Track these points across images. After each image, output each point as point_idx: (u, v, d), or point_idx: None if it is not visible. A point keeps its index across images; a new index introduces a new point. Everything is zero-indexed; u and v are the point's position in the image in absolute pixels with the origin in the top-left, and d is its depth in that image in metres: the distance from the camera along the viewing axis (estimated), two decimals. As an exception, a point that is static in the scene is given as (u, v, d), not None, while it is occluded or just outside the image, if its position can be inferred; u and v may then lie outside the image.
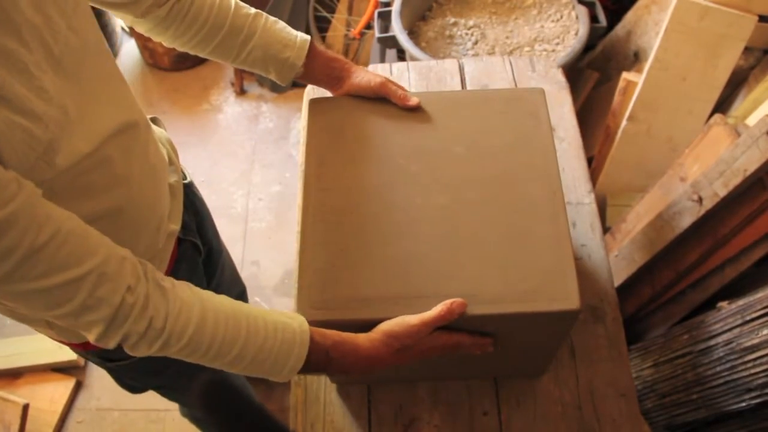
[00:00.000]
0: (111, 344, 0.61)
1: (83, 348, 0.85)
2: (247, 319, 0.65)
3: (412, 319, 0.68)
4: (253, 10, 0.84)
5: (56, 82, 0.58)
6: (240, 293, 1.45)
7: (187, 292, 0.64)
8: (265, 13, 0.85)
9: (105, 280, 0.58)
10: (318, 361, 0.68)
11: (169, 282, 0.64)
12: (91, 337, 0.61)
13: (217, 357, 0.64)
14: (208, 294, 0.66)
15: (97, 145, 0.64)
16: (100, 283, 0.57)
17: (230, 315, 0.65)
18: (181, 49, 0.85)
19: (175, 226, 0.87)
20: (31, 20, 0.55)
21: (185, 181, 0.98)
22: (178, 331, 0.62)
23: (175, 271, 0.89)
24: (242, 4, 0.84)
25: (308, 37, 0.86)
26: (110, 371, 0.95)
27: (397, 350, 0.69)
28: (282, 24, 0.86)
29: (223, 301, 0.67)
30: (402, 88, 0.87)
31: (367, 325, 0.70)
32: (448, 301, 0.68)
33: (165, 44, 0.84)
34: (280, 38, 0.84)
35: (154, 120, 0.96)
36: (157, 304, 0.61)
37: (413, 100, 0.85)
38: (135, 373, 0.97)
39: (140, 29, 0.82)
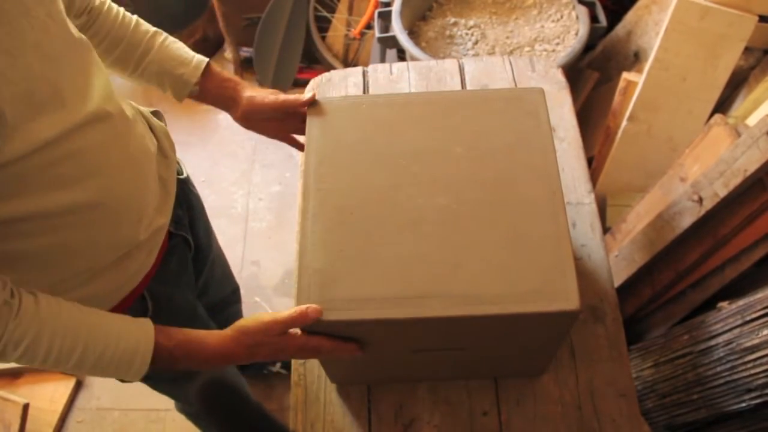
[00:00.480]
0: None
1: None
2: (87, 331, 0.68)
3: (265, 316, 0.72)
4: (152, 29, 0.90)
5: (29, 66, 0.60)
6: (232, 291, 1.45)
7: (31, 306, 0.65)
8: (165, 33, 0.90)
9: None
10: (162, 360, 0.70)
11: (17, 296, 0.65)
12: None
13: (57, 365, 0.67)
14: (55, 308, 0.67)
15: (61, 132, 0.65)
16: None
17: (70, 327, 0.67)
18: None
19: (164, 220, 0.88)
20: (4, 6, 0.58)
21: (182, 177, 0.99)
22: (14, 341, 0.64)
23: (165, 264, 0.90)
24: (143, 22, 0.89)
25: (205, 59, 0.91)
26: None
27: (248, 346, 0.72)
28: (181, 45, 0.91)
29: (69, 313, 0.68)
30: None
31: (367, 325, 0.70)
32: (303, 306, 0.69)
33: None
34: (176, 56, 0.89)
35: (155, 113, 0.97)
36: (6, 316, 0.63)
37: (306, 96, 0.87)
38: None
39: None
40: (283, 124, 0.94)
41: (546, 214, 0.74)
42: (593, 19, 1.72)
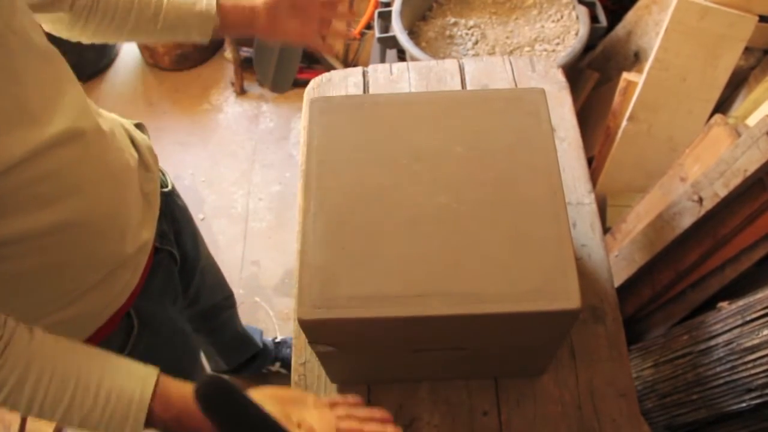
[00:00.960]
0: None
1: None
2: (76, 384, 0.62)
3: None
4: None
5: None
6: (225, 298, 1.43)
7: (21, 345, 0.61)
8: None
9: None
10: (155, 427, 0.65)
11: (5, 333, 0.61)
12: None
13: (41, 415, 0.62)
14: (48, 349, 0.63)
15: (33, 150, 0.63)
16: None
17: (59, 377, 0.62)
18: (100, 41, 0.87)
19: (149, 235, 0.86)
20: None
21: (165, 189, 0.97)
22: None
23: (150, 280, 0.89)
24: None
25: None
26: None
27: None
28: None
29: (61, 359, 0.63)
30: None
31: (368, 323, 0.70)
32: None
33: (84, 41, 0.86)
34: None
35: (138, 126, 0.95)
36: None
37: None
38: None
39: (60, 32, 0.84)
40: (304, 24, 0.94)
41: (547, 213, 0.74)
42: (593, 19, 1.72)
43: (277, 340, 1.73)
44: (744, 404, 1.08)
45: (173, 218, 1.02)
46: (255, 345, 1.61)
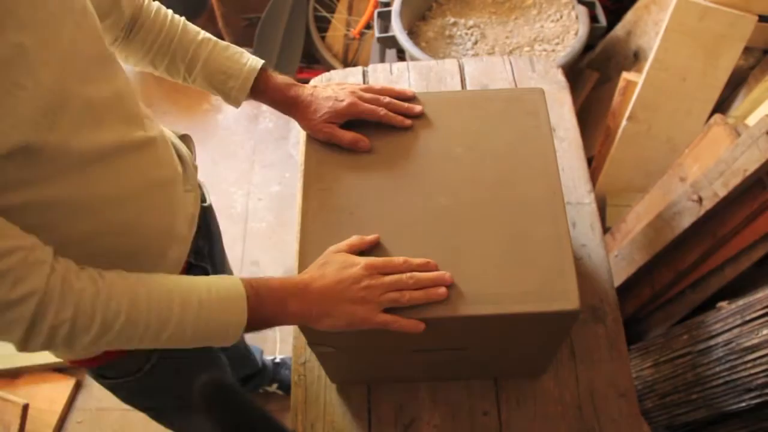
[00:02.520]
0: (39, 340, 0.58)
1: (79, 364, 0.84)
2: (179, 287, 0.65)
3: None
4: (201, 35, 0.84)
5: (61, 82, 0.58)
6: None
7: (115, 275, 0.63)
8: (215, 39, 0.85)
9: (25, 272, 0.55)
10: (253, 307, 0.67)
11: (91, 269, 0.62)
12: (15, 339, 0.58)
13: (159, 330, 0.63)
14: (138, 274, 0.65)
15: (96, 153, 0.64)
16: (20, 276, 0.55)
17: (163, 286, 0.64)
18: (135, 67, 0.87)
19: (184, 254, 0.85)
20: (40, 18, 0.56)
21: (204, 204, 0.96)
22: (112, 312, 0.60)
23: None
24: (191, 27, 0.84)
25: (258, 65, 0.84)
26: (105, 388, 0.93)
27: (318, 265, 0.70)
28: (232, 50, 0.84)
29: (152, 277, 0.65)
30: (386, 91, 0.85)
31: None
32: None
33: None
34: (224, 68, 0.83)
35: (183, 138, 0.93)
36: (80, 286, 0.59)
37: (415, 109, 0.83)
38: (127, 393, 0.95)
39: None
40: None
41: (546, 214, 0.74)
42: (593, 19, 1.72)
43: (276, 361, 1.71)
44: (744, 404, 1.08)
45: (209, 234, 1.01)
46: (254, 364, 1.60)
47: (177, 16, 0.84)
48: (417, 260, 0.71)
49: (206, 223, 0.98)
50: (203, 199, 0.96)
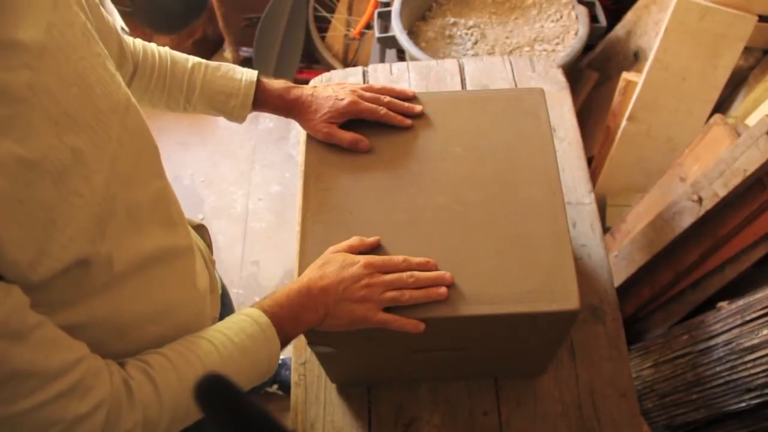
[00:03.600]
0: None
1: None
2: (215, 347, 0.62)
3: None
4: (191, 62, 0.82)
5: (107, 184, 0.54)
6: None
7: (157, 358, 0.59)
8: (204, 62, 0.83)
9: (91, 381, 0.52)
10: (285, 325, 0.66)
11: (133, 360, 0.59)
12: None
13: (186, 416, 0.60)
14: (175, 350, 0.61)
15: (134, 265, 0.59)
16: (88, 386, 0.52)
17: (206, 356, 0.62)
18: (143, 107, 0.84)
19: None
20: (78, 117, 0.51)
21: (220, 292, 0.90)
22: (173, 400, 0.58)
23: None
24: (178, 56, 0.83)
25: (254, 78, 0.83)
26: None
27: (318, 266, 0.70)
28: (224, 69, 0.83)
29: (194, 347, 0.62)
30: (386, 90, 0.85)
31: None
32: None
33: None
34: (222, 89, 0.83)
35: (198, 228, 0.88)
36: (137, 383, 0.56)
37: (415, 108, 0.83)
38: None
39: None
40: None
41: (546, 214, 0.74)
42: (593, 19, 1.72)
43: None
44: (743, 404, 1.08)
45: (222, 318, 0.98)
46: None
47: (161, 49, 0.82)
48: (416, 259, 0.71)
49: (224, 306, 0.95)
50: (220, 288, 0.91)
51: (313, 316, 0.68)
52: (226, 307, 0.99)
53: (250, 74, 0.84)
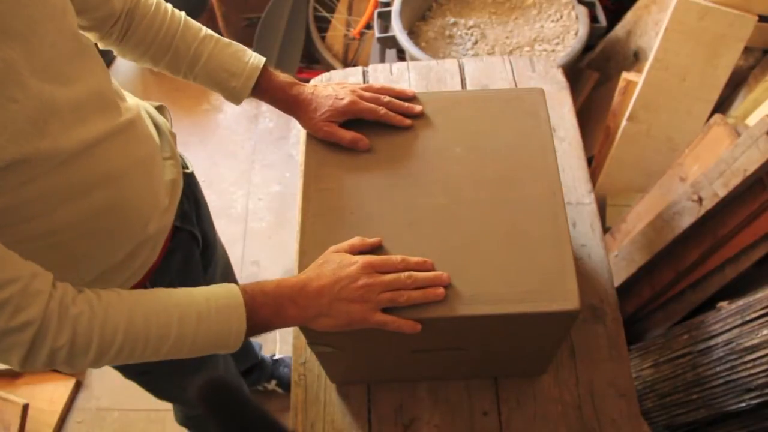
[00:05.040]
0: (38, 363, 0.59)
1: None
2: (175, 302, 0.65)
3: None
4: (204, 32, 0.83)
5: (43, 86, 0.59)
6: None
7: (112, 295, 0.63)
8: (217, 36, 0.84)
9: (24, 302, 0.57)
10: (254, 317, 0.67)
11: (89, 291, 0.63)
12: (13, 363, 0.59)
13: (159, 345, 0.64)
14: (135, 292, 0.66)
15: (80, 150, 0.65)
16: (20, 306, 0.56)
17: (159, 302, 0.65)
18: (136, 63, 0.87)
19: (170, 217, 0.86)
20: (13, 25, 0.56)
21: (187, 171, 0.97)
22: (109, 333, 0.61)
23: (169, 258, 0.89)
24: (192, 23, 0.84)
25: (260, 63, 0.84)
26: None
27: (317, 264, 0.70)
28: (234, 48, 0.84)
29: (149, 294, 0.66)
30: (386, 90, 0.85)
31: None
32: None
33: (116, 53, 0.85)
34: (227, 66, 0.83)
35: (160, 108, 0.93)
36: (77, 311, 0.60)
37: (415, 108, 0.83)
38: (124, 372, 0.99)
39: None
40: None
41: (546, 214, 0.74)
42: (593, 19, 1.72)
43: (275, 358, 1.72)
44: (743, 404, 1.08)
45: (195, 199, 1.02)
46: (254, 356, 1.60)
47: (177, 12, 0.84)
48: (414, 259, 0.71)
49: (191, 189, 0.99)
50: (185, 167, 0.96)
51: (299, 313, 0.68)
52: (194, 192, 1.02)
53: (257, 59, 0.84)
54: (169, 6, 0.84)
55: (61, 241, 0.68)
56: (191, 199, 0.99)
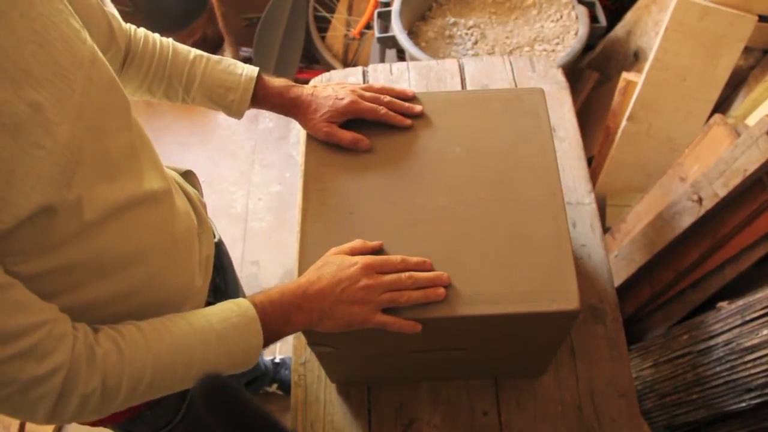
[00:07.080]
0: (67, 414, 0.56)
1: (103, 423, 0.80)
2: (195, 326, 0.64)
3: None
4: (193, 54, 0.83)
5: (73, 133, 0.56)
6: None
7: (132, 329, 0.61)
8: (207, 55, 0.84)
9: (50, 346, 0.54)
10: (268, 331, 0.67)
11: (107, 328, 0.60)
12: (39, 416, 0.55)
13: (186, 372, 0.63)
14: (152, 322, 0.64)
15: (108, 209, 0.61)
16: (46, 351, 0.53)
17: (179, 329, 0.63)
18: (133, 97, 0.84)
19: (202, 300, 0.83)
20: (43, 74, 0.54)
21: (215, 240, 0.93)
22: (138, 369, 0.59)
23: None
24: (181, 47, 0.83)
25: (254, 73, 0.83)
26: None
27: (317, 267, 0.70)
28: (226, 63, 0.84)
29: (167, 322, 0.64)
30: (386, 90, 0.85)
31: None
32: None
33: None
34: (221, 82, 0.83)
35: (186, 175, 0.91)
36: (103, 351, 0.57)
37: (415, 108, 0.83)
38: None
39: None
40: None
41: (546, 214, 0.74)
42: (593, 19, 1.72)
43: (276, 361, 1.72)
44: (743, 404, 1.08)
45: (223, 268, 0.99)
46: (257, 368, 1.59)
47: (164, 39, 0.83)
48: (414, 259, 0.71)
49: (219, 259, 0.96)
50: (213, 235, 0.93)
51: (306, 317, 0.68)
52: (222, 261, 1.00)
53: (250, 70, 0.84)
54: (156, 36, 0.83)
55: (95, 319, 0.63)
56: (219, 270, 0.96)
